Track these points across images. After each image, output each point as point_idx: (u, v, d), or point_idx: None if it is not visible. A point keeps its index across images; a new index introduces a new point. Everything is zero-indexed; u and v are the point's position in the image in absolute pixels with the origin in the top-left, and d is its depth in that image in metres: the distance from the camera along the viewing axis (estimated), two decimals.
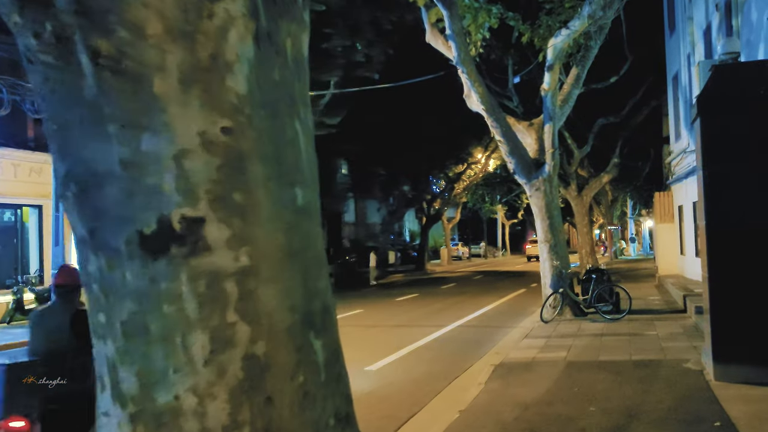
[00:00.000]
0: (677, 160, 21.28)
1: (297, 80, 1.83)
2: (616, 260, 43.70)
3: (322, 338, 1.80)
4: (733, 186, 7.51)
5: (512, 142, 14.19)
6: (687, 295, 14.50)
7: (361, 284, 30.13)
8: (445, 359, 10.42)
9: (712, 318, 7.66)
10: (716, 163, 7.64)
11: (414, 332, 13.37)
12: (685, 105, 19.43)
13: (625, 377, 8.10)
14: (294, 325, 1.72)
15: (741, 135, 7.56)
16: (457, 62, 13.56)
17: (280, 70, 1.75)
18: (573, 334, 11.69)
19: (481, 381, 8.37)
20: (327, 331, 1.83)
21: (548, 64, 13.67)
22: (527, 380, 8.23)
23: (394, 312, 17.75)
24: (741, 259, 7.46)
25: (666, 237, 23.41)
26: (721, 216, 7.58)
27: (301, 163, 1.81)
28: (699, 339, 10.40)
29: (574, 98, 15.14)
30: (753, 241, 7.41)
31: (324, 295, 1.85)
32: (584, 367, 8.75)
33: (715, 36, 15.27)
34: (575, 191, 30.74)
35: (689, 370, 8.26)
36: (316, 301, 1.80)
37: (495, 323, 14.75)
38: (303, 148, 1.82)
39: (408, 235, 56.81)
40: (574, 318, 13.80)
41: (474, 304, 18.69)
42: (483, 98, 13.76)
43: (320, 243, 1.89)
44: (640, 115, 28.58)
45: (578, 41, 14.11)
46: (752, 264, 7.42)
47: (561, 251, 14.17)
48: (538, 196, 14.23)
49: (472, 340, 12.32)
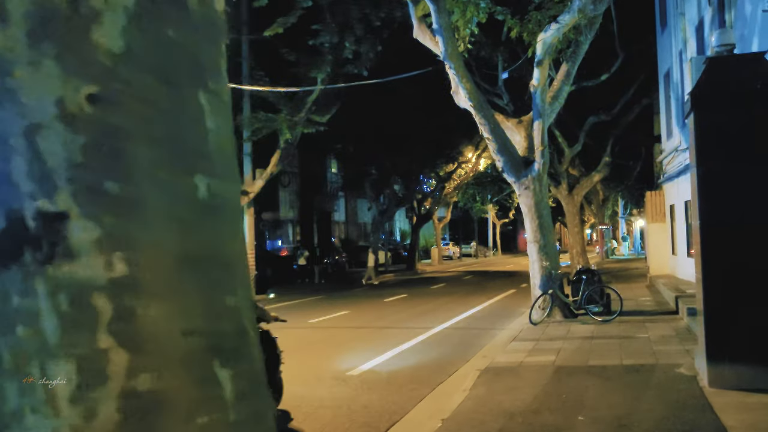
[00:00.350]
0: (669, 158, 21.02)
1: (206, 42, 1.47)
2: (608, 260, 43.49)
3: (233, 368, 1.43)
4: (729, 184, 7.19)
5: (501, 140, 13.85)
6: (679, 296, 14.20)
7: (351, 284, 29.77)
8: (430, 363, 10.07)
9: (706, 321, 7.34)
10: (711, 160, 7.31)
11: (400, 334, 13.01)
12: (677, 102, 19.16)
13: (616, 383, 7.77)
14: (192, 353, 1.35)
15: (737, 130, 7.23)
16: (444, 57, 13.22)
17: (178, 26, 1.39)
18: (562, 337, 11.36)
19: (466, 387, 8.03)
20: (242, 358, 1.46)
21: (537, 59, 13.34)
22: (514, 386, 7.89)
23: (382, 313, 17.39)
24: (736, 260, 7.14)
25: (657, 237, 23.15)
26: (716, 215, 7.26)
27: (206, 147, 1.44)
28: (691, 342, 10.08)
29: (564, 95, 14.82)
30: (749, 241, 7.10)
31: (237, 314, 1.47)
32: (573, 373, 8.41)
33: (707, 31, 14.98)
34: (566, 190, 30.46)
35: (682, 375, 7.93)
36: (225, 322, 1.43)
37: (483, 325, 14.41)
38: (211, 129, 1.45)
39: (399, 234, 56.50)
40: (564, 320, 13.48)
41: (463, 305, 18.36)
42: (471, 94, 13.42)
43: (236, 247, 1.52)
44: (632, 113, 28.33)
45: (568, 36, 13.80)
46: (748, 265, 7.10)
47: (551, 251, 13.85)
48: (527, 195, 13.90)
49: (458, 342, 11.97)
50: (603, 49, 23.68)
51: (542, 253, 13.76)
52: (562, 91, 14.58)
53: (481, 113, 13.64)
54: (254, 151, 24.63)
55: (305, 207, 40.58)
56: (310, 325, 15.32)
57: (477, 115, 13.71)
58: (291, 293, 25.06)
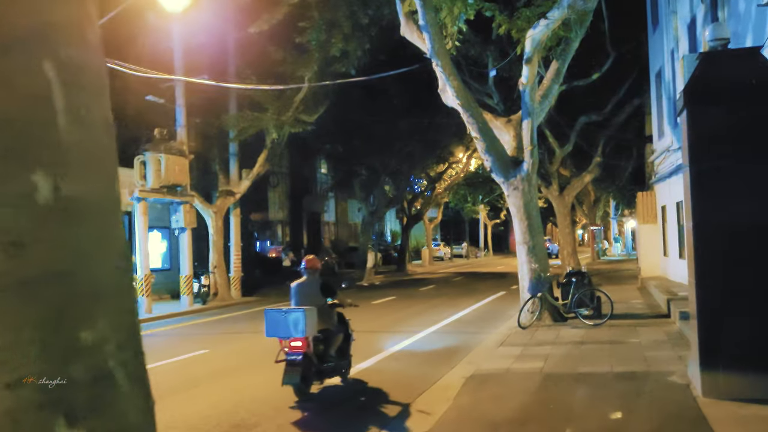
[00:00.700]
0: (660, 159, 20.75)
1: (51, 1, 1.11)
2: (599, 261, 43.28)
3: (85, 426, 1.07)
4: (724, 183, 6.88)
5: (489, 139, 13.52)
6: (671, 299, 13.92)
7: (340, 286, 29.34)
8: (414, 370, 9.73)
9: (700, 327, 7.02)
10: (705, 159, 7.00)
11: (385, 339, 12.66)
12: (669, 102, 18.89)
13: (606, 392, 7.44)
14: (20, 411, 1.00)
15: (732, 127, 6.93)
16: (431, 54, 12.88)
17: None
18: (551, 342, 11.03)
19: (450, 396, 7.69)
20: (102, 412, 1.11)
21: (526, 57, 13.02)
22: (500, 395, 7.55)
23: (368, 316, 17.00)
24: (732, 263, 6.83)
25: (649, 238, 22.88)
26: (710, 215, 6.95)
27: (55, 134, 1.09)
28: (684, 347, 9.78)
29: (554, 93, 14.52)
30: (745, 243, 6.79)
31: (97, 354, 1.12)
32: (562, 380, 8.08)
33: (699, 29, 14.70)
34: (557, 191, 30.21)
35: (675, 384, 7.61)
36: (76, 365, 1.08)
37: (471, 329, 14.08)
38: (63, 109, 1.10)
39: (390, 235, 56.14)
40: (554, 324, 13.17)
41: (451, 308, 18.03)
42: (458, 92, 13.09)
43: (107, 265, 1.17)
44: (623, 113, 28.10)
45: (558, 33, 13.46)
46: (745, 268, 6.79)
47: (540, 253, 13.53)
48: (516, 195, 13.58)
49: (445, 348, 11.63)
50: (594, 48, 23.41)
51: (531, 254, 13.44)
52: (551, 89, 14.27)
53: (468, 112, 13.31)
54: (241, 151, 24.28)
55: (295, 208, 40.16)
56: None
57: (465, 114, 13.38)
58: (278, 295, 24.65)
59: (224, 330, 15.31)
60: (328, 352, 8.34)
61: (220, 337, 14.05)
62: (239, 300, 22.76)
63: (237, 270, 23.84)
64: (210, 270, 22.48)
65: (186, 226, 20.81)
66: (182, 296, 20.75)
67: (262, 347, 12.05)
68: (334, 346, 8.49)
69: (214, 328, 15.85)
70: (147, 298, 19.02)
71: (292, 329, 7.76)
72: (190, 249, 21.13)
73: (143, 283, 19.04)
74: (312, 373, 7.98)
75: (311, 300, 8.30)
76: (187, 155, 20.90)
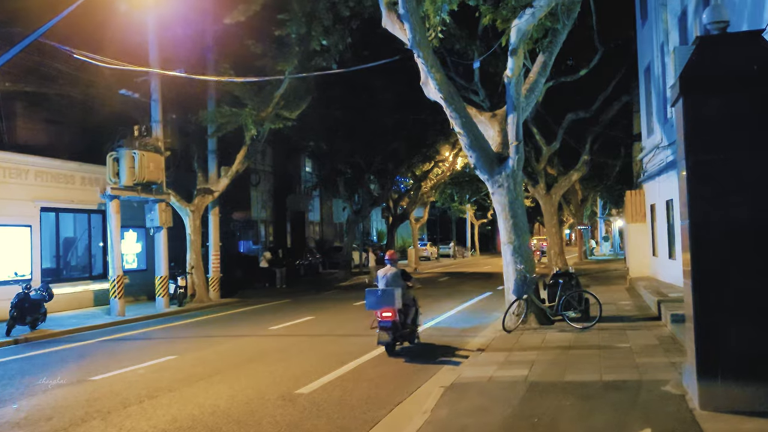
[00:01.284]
0: (649, 156, 20.27)
1: None
2: (586, 260, 42.85)
3: None
4: (723, 178, 6.32)
5: (473, 134, 12.94)
6: (661, 301, 13.40)
7: (324, 286, 28.72)
8: (392, 378, 9.11)
9: (697, 333, 6.46)
10: (702, 151, 6.43)
11: (363, 343, 12.04)
12: (658, 97, 18.41)
13: (595, 404, 6.87)
14: None
15: (732, 118, 6.37)
16: (411, 45, 12.28)
17: None
18: (537, 347, 10.45)
19: (427, 408, 7.09)
20: None
21: (512, 48, 12.44)
22: (481, 407, 6.96)
23: (348, 318, 16.42)
24: (733, 264, 6.27)
25: (637, 237, 22.40)
26: (709, 213, 6.38)
27: None
28: (677, 353, 9.24)
29: (540, 88, 13.97)
30: (747, 242, 6.23)
31: None
32: (548, 390, 7.49)
33: (691, 21, 14.20)
34: (544, 189, 29.73)
35: (669, 394, 7.05)
36: None
37: (453, 332, 13.50)
38: None
39: (376, 235, 55.50)
40: (540, 327, 12.60)
41: (435, 309, 17.45)
42: (441, 85, 12.49)
43: None
44: (611, 110, 27.67)
45: (545, 24, 12.90)
46: (747, 269, 6.23)
47: (525, 253, 12.95)
48: (500, 193, 13.01)
49: (425, 353, 11.02)
50: (582, 42, 22.94)
51: (517, 254, 12.87)
52: (538, 83, 13.72)
53: (451, 106, 12.71)
54: (220, 148, 23.55)
55: (279, 207, 39.38)
56: (269, 332, 14.30)
57: (447, 108, 12.79)
58: (258, 296, 23.99)
59: (196, 334, 14.64)
60: (406, 321, 11.18)
61: (190, 342, 13.38)
62: (218, 302, 22.05)
63: (216, 270, 23.13)
64: (187, 271, 21.76)
65: (161, 225, 20.09)
66: (157, 298, 20.03)
67: (233, 353, 11.44)
68: (410, 316, 11.34)
69: (186, 331, 15.17)
70: (119, 300, 18.29)
71: (385, 302, 10.67)
72: (165, 249, 20.41)
73: (115, 285, 18.31)
74: (398, 335, 10.83)
75: (395, 283, 11.12)
76: (163, 152, 20.19)
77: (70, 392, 8.76)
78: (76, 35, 17.74)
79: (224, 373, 9.66)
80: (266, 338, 13.43)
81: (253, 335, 13.96)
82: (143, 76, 20.38)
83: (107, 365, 10.65)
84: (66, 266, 21.01)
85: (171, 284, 20.53)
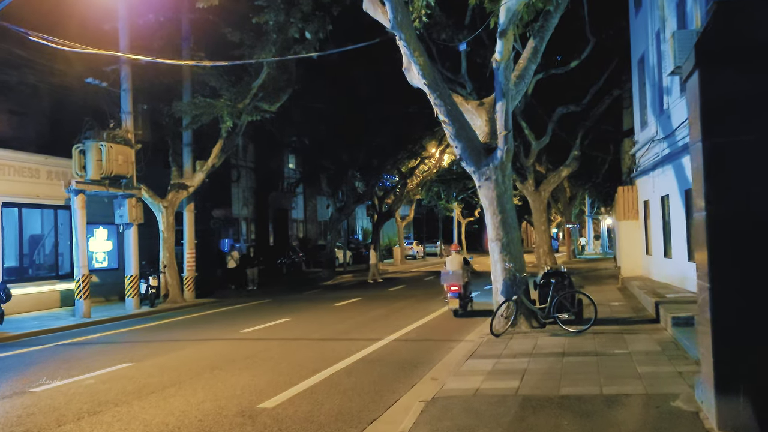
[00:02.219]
0: (643, 150, 19.45)
1: None
2: (575, 259, 42.10)
3: None
4: (746, 161, 5.45)
5: (459, 123, 12.03)
6: (659, 302, 12.56)
7: (306, 286, 27.73)
8: (367, 389, 8.18)
9: (715, 341, 5.58)
10: (722, 132, 5.56)
11: (340, 348, 11.13)
12: (653, 88, 17.59)
13: (597, 423, 5.97)
14: None
15: (755, 93, 5.50)
16: (392, 27, 11.32)
17: None
18: (528, 353, 9.56)
19: (404, 428, 6.17)
20: None
21: (500, 29, 11.53)
22: (466, 427, 6.05)
23: (327, 320, 15.47)
24: (758, 260, 5.40)
25: (630, 235, 21.59)
26: (729, 202, 5.51)
27: None
28: (683, 361, 8.38)
29: (530, 74, 13.08)
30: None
31: None
32: (542, 406, 6.59)
33: (690, 5, 13.36)
34: (532, 186, 28.93)
35: (680, 411, 6.16)
36: None
37: (437, 335, 12.59)
38: None
39: (361, 233, 54.53)
40: (531, 330, 11.72)
41: (419, 311, 16.55)
42: (424, 70, 11.56)
43: None
44: (602, 104, 26.91)
45: (536, 5, 12.00)
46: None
47: (515, 251, 12.06)
48: (488, 186, 12.11)
49: (406, 359, 10.10)
50: (573, 33, 22.16)
51: (505, 252, 11.98)
52: (528, 69, 12.84)
53: (436, 92, 11.79)
54: (197, 142, 22.52)
55: (261, 204, 38.26)
56: (241, 335, 13.33)
57: (431, 95, 11.87)
58: (238, 296, 22.99)
59: (162, 338, 13.63)
60: (466, 293, 15.10)
61: (153, 347, 12.37)
62: (192, 302, 21.02)
63: (191, 270, 22.09)
64: (160, 270, 20.71)
65: (131, 221, 19.05)
66: (127, 299, 18.99)
67: (196, 359, 10.45)
68: (468, 289, 15.31)
69: (151, 335, 14.16)
70: (85, 300, 17.24)
71: (454, 279, 14.71)
72: (136, 247, 19.38)
73: (81, 285, 17.26)
74: (463, 303, 14.84)
75: (459, 265, 14.91)
76: (134, 144, 19.14)
77: (2, 407, 7.76)
78: (40, 19, 16.70)
79: (181, 384, 8.69)
80: (236, 342, 12.46)
81: (222, 339, 12.99)
82: (113, 64, 19.35)
83: (55, 374, 9.64)
84: (31, 265, 19.90)
85: (142, 284, 19.51)
